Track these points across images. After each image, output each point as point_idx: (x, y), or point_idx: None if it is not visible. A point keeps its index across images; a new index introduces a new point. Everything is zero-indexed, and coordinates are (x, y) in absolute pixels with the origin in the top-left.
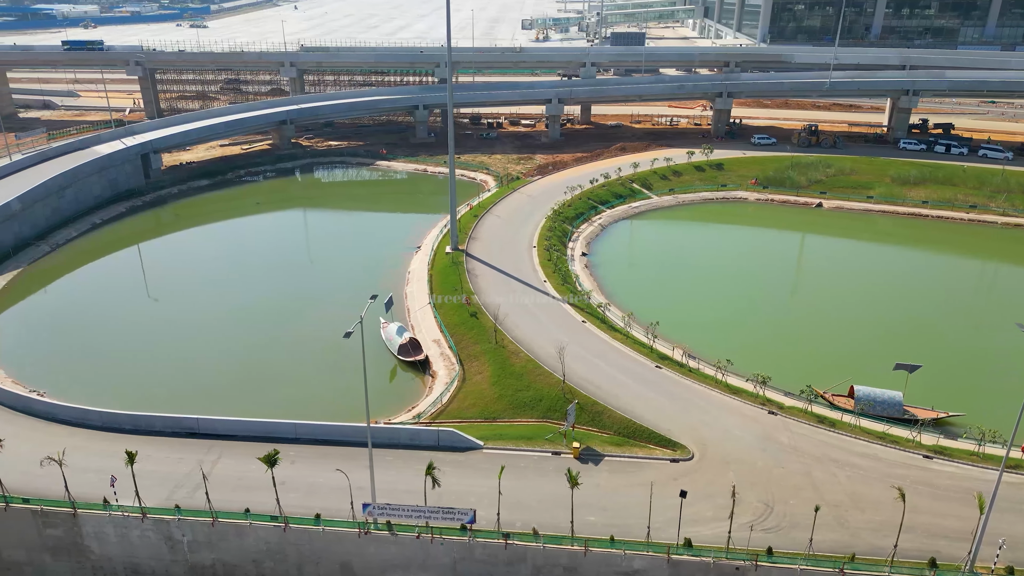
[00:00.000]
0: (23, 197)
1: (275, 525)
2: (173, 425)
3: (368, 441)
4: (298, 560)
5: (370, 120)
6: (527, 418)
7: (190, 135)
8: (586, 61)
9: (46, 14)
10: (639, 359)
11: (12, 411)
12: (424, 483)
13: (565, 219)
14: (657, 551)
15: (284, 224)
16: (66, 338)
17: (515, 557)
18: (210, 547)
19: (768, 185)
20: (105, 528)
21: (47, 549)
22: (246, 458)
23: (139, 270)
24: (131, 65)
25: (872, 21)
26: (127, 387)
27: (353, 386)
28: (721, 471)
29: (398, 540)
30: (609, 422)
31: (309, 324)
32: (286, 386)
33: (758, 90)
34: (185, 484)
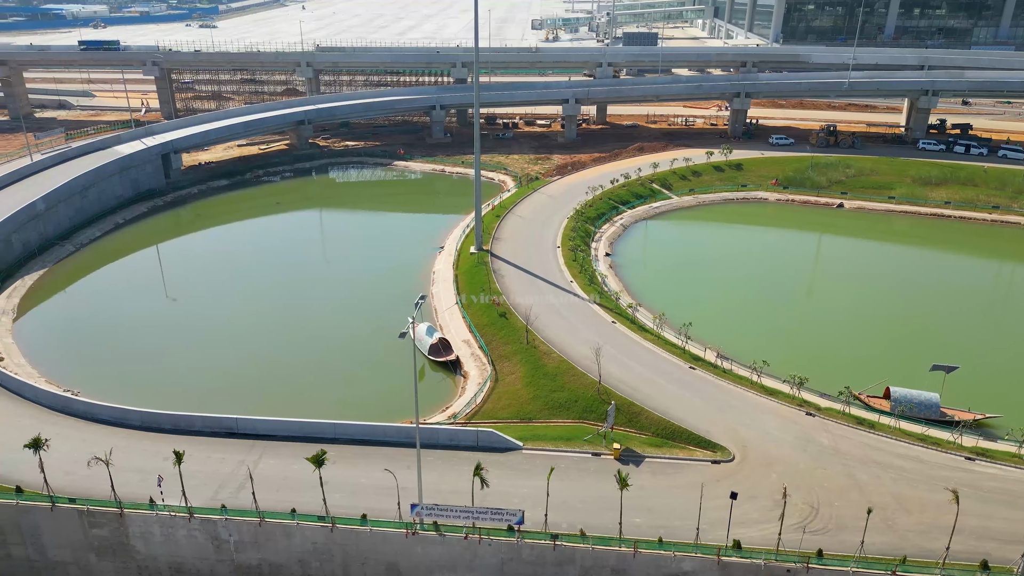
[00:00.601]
0: (47, 197)
1: (322, 525)
2: (213, 425)
3: (416, 442)
4: (344, 560)
5: (385, 120)
6: (563, 419)
7: (209, 135)
8: (602, 61)
9: (55, 14)
10: (672, 360)
11: (51, 411)
12: (472, 484)
13: (587, 219)
14: (706, 553)
15: (305, 224)
16: (94, 337)
17: (563, 558)
18: (256, 547)
19: (788, 185)
20: (151, 528)
21: (92, 549)
22: (287, 458)
23: (164, 269)
24: (148, 65)
25: (885, 21)
26: (156, 386)
27: (383, 386)
28: (763, 473)
29: (445, 541)
30: (646, 423)
31: (336, 324)
32: (316, 386)
33: (777, 90)
34: (229, 484)
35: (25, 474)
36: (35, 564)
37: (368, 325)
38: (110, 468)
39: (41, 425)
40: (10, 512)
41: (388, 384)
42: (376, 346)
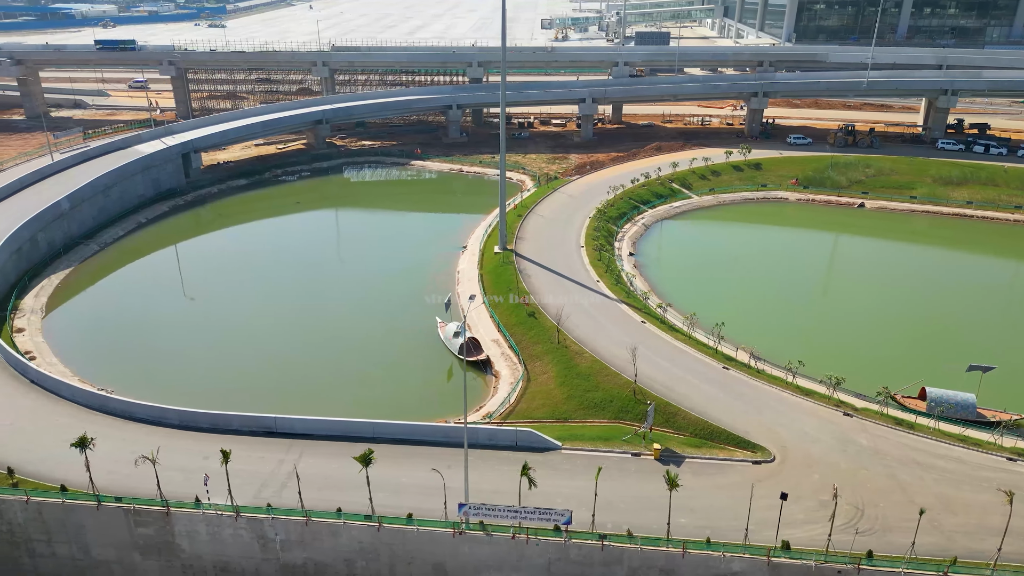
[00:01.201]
0: (72, 196)
1: (369, 525)
2: (251, 424)
3: (464, 441)
4: (390, 560)
5: (400, 120)
6: (599, 419)
7: (228, 134)
8: (619, 61)
9: (65, 13)
10: (705, 360)
11: (88, 409)
12: (512, 483)
13: (609, 219)
14: (756, 553)
15: (324, 224)
16: (121, 336)
17: (611, 558)
18: (302, 546)
19: (808, 185)
20: (197, 527)
21: (137, 548)
22: (327, 457)
23: (187, 269)
24: (165, 65)
25: (898, 21)
26: (182, 385)
27: (407, 386)
28: (805, 473)
29: (493, 540)
30: (684, 423)
31: (359, 324)
32: (340, 386)
33: (795, 89)
34: (271, 483)
35: (67, 472)
36: (79, 563)
37: (393, 325)
38: (156, 467)
39: (79, 424)
40: (56, 511)
41: (413, 383)
42: (400, 346)
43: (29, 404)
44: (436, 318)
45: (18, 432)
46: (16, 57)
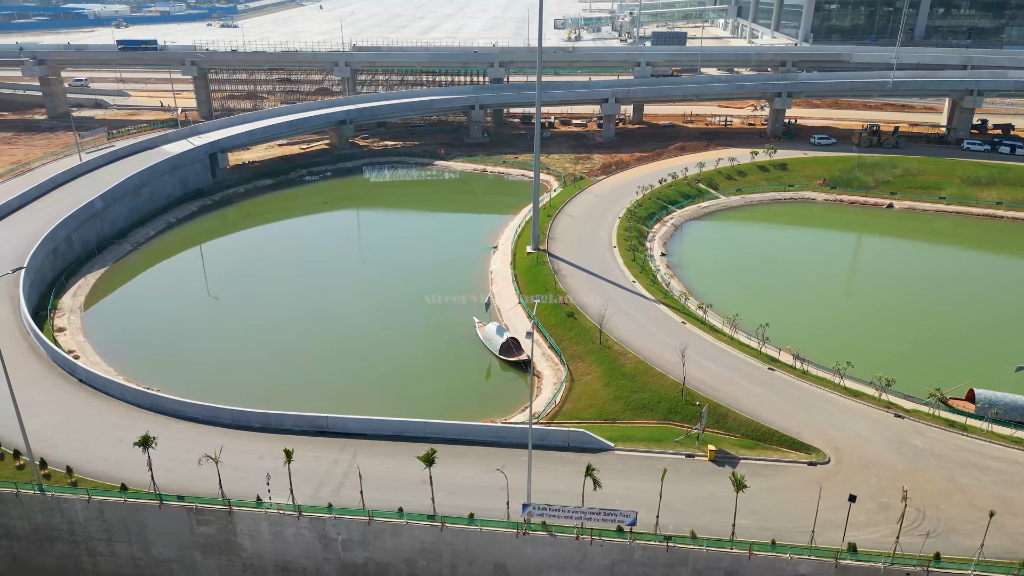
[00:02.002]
0: (104, 196)
1: (431, 524)
2: (303, 423)
3: (529, 442)
4: (452, 560)
5: (421, 120)
6: (647, 420)
7: (255, 134)
8: (640, 61)
9: (78, 13)
10: (749, 361)
11: (139, 408)
12: (574, 484)
13: (639, 219)
14: (823, 556)
15: (352, 223)
16: (163, 336)
17: (676, 560)
18: (364, 546)
19: (836, 186)
20: (260, 526)
21: (198, 547)
22: (380, 457)
23: (220, 268)
24: (187, 65)
25: (916, 21)
26: (226, 384)
27: (451, 385)
28: (862, 475)
29: (556, 541)
30: (734, 424)
31: (399, 323)
32: (384, 385)
33: (819, 90)
34: (328, 482)
35: (123, 471)
36: (139, 562)
37: (429, 325)
38: (200, 466)
39: (132, 423)
40: (118, 510)
41: (453, 383)
42: (438, 345)
43: (80, 403)
44: (474, 318)
45: (71, 431)
46: (39, 57)
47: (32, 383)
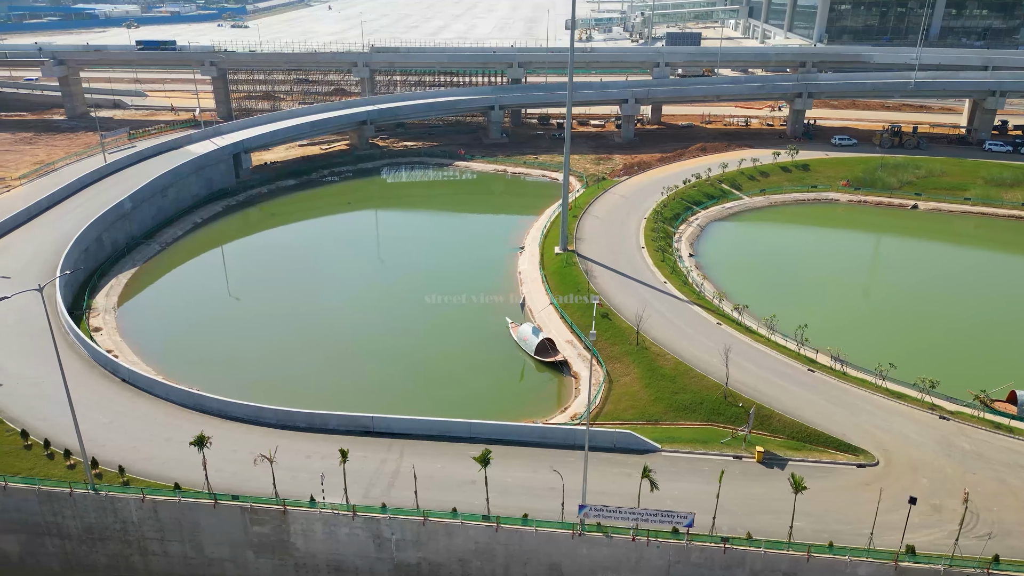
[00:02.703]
0: (133, 196)
1: (487, 525)
2: (348, 423)
3: (586, 444)
4: (506, 560)
5: (439, 121)
6: (690, 421)
7: (278, 135)
8: (659, 61)
9: (89, 14)
10: (788, 362)
11: (183, 408)
12: (620, 485)
13: (664, 220)
14: (882, 558)
15: (377, 223)
16: (197, 335)
17: (733, 561)
18: (418, 546)
19: (859, 186)
20: (314, 525)
21: (251, 546)
22: (427, 457)
23: (250, 268)
24: (206, 65)
25: (931, 21)
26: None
27: (487, 386)
28: (912, 477)
29: (612, 542)
30: (779, 426)
31: (431, 323)
32: (419, 385)
33: (841, 90)
34: (376, 482)
35: (173, 471)
36: (191, 561)
37: (461, 325)
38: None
39: (178, 422)
40: (172, 509)
41: (489, 384)
42: (472, 346)
43: (125, 403)
44: (506, 319)
45: (119, 431)
46: (59, 57)
47: (75, 383)
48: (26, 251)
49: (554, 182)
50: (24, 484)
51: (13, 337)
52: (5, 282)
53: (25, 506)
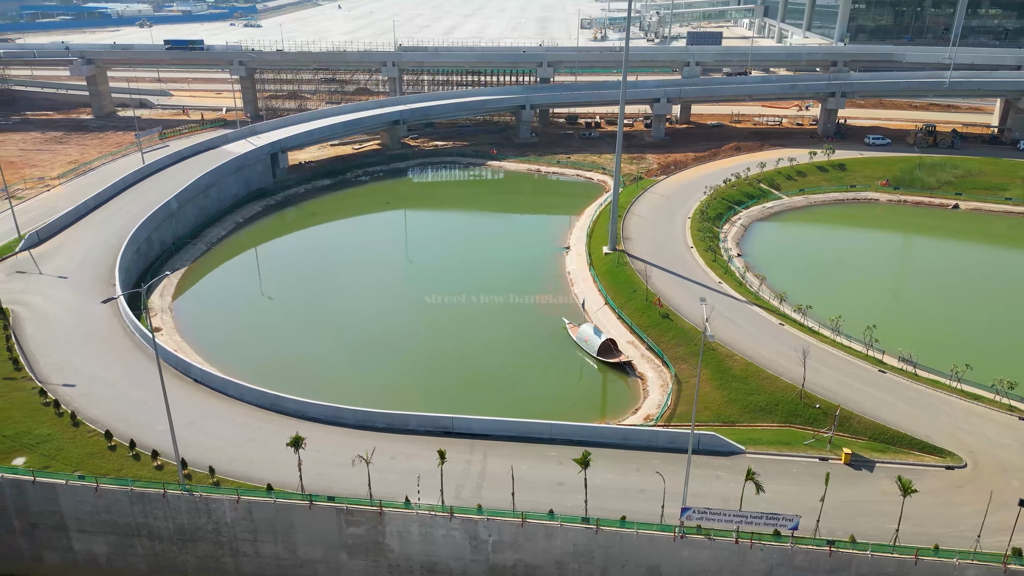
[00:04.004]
0: (179, 196)
1: (586, 527)
2: (428, 424)
3: (689, 447)
4: (604, 563)
5: (467, 120)
6: (767, 423)
7: (313, 134)
8: (690, 61)
9: (101, 13)
10: (858, 363)
11: (260, 409)
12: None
13: (709, 219)
14: (990, 561)
15: (418, 223)
16: (254, 335)
17: (838, 565)
18: (515, 548)
19: (898, 186)
20: (410, 527)
21: (345, 547)
22: (509, 457)
23: (297, 267)
24: (235, 65)
25: (952, 21)
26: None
27: (551, 386)
28: (1003, 480)
29: (714, 545)
30: (859, 427)
31: (487, 324)
32: (482, 386)
33: (874, 90)
34: (466, 483)
35: (259, 471)
36: (283, 562)
37: (517, 325)
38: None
39: (257, 423)
40: (267, 510)
41: (552, 385)
42: (530, 347)
43: (201, 404)
44: (563, 319)
45: (201, 431)
46: (87, 56)
47: (149, 383)
48: (79, 251)
49: (589, 182)
50: (116, 485)
51: (78, 338)
52: (64, 282)
53: (116, 507)
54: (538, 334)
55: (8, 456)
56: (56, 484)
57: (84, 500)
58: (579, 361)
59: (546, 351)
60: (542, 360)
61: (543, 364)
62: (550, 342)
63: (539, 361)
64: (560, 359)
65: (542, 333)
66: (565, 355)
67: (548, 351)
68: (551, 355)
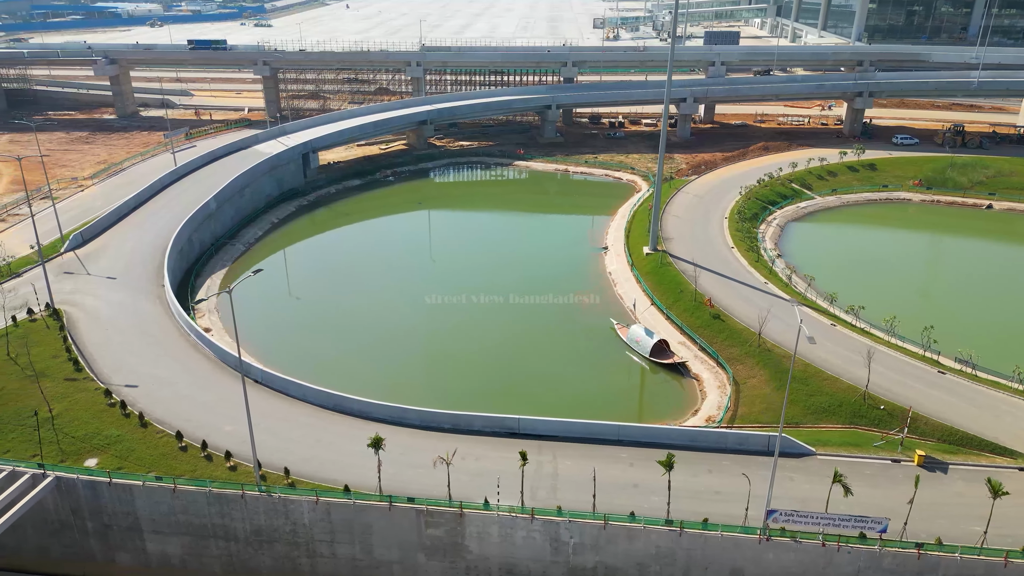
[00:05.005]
0: (217, 196)
1: (670, 529)
2: (494, 425)
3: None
4: (686, 565)
5: (490, 120)
6: (830, 424)
7: (343, 135)
8: (715, 60)
9: (111, 12)
10: (916, 364)
11: (323, 409)
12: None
13: (745, 219)
14: None
15: (452, 223)
16: (303, 334)
17: (926, 568)
18: (596, 550)
19: (931, 186)
20: (490, 528)
21: (423, 549)
22: (578, 459)
23: (337, 267)
24: (259, 65)
25: (969, 21)
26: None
27: (605, 387)
28: None
29: (800, 547)
30: (926, 429)
31: (533, 324)
32: (533, 387)
33: (902, 89)
34: (540, 485)
35: (330, 472)
36: (359, 563)
37: (564, 326)
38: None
39: (322, 423)
40: (345, 511)
41: (605, 386)
42: (580, 348)
43: (264, 404)
44: (611, 320)
45: (268, 432)
46: (111, 56)
47: (209, 384)
48: (124, 251)
49: (618, 182)
50: (194, 486)
51: (133, 338)
52: (113, 282)
53: (193, 508)
54: (586, 335)
55: (80, 457)
56: (133, 485)
57: (161, 501)
58: (631, 362)
59: (596, 352)
60: (593, 361)
61: (595, 365)
62: (599, 343)
63: (590, 362)
64: (611, 360)
65: (590, 334)
66: (615, 356)
67: (598, 352)
68: (602, 356)
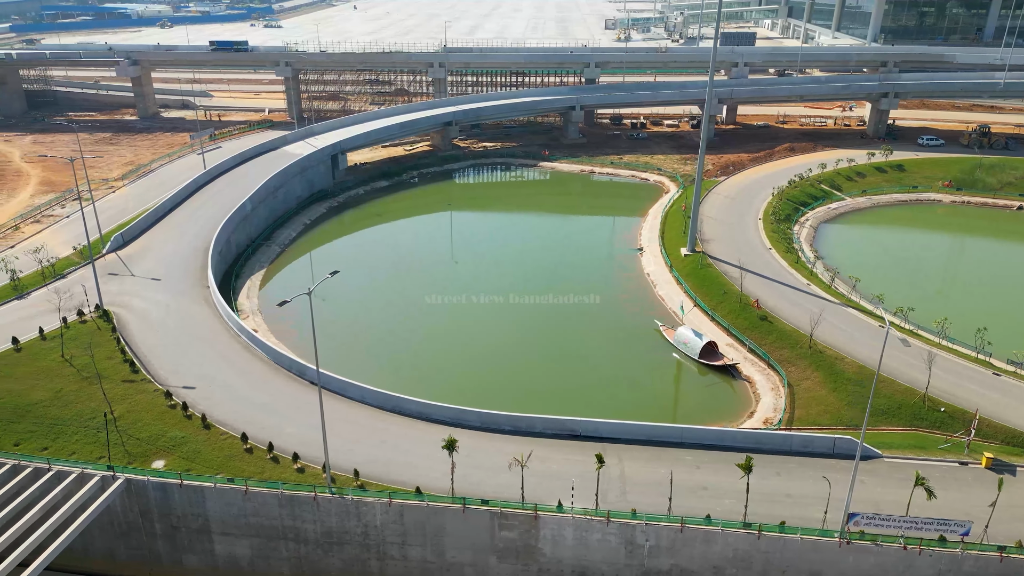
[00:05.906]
0: (252, 198)
1: (748, 532)
2: (554, 427)
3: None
4: (763, 568)
5: (512, 121)
6: (891, 426)
7: (371, 136)
8: (738, 61)
9: (121, 13)
10: (969, 366)
11: (382, 411)
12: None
13: (780, 220)
14: None
15: (485, 224)
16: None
17: (1008, 571)
18: (671, 553)
19: (960, 187)
20: (564, 531)
21: (495, 551)
22: (644, 461)
23: (371, 268)
24: (281, 66)
25: (985, 22)
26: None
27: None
28: None
29: (881, 551)
30: (989, 431)
31: (576, 325)
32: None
33: (927, 90)
34: (610, 487)
35: (398, 473)
36: (430, 565)
37: (609, 328)
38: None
39: (383, 425)
40: (419, 514)
41: (654, 388)
42: (626, 350)
43: (325, 406)
44: (656, 321)
45: (331, 434)
46: (133, 57)
47: (265, 385)
48: (166, 253)
49: (645, 183)
50: (266, 488)
51: (185, 339)
52: (158, 284)
53: (264, 510)
54: (632, 337)
55: (147, 459)
56: (204, 487)
57: (232, 503)
58: (680, 364)
59: (644, 354)
60: (642, 363)
61: (644, 367)
62: (646, 345)
63: (639, 364)
64: (660, 362)
65: (635, 335)
66: (663, 358)
67: (646, 354)
68: (650, 358)
